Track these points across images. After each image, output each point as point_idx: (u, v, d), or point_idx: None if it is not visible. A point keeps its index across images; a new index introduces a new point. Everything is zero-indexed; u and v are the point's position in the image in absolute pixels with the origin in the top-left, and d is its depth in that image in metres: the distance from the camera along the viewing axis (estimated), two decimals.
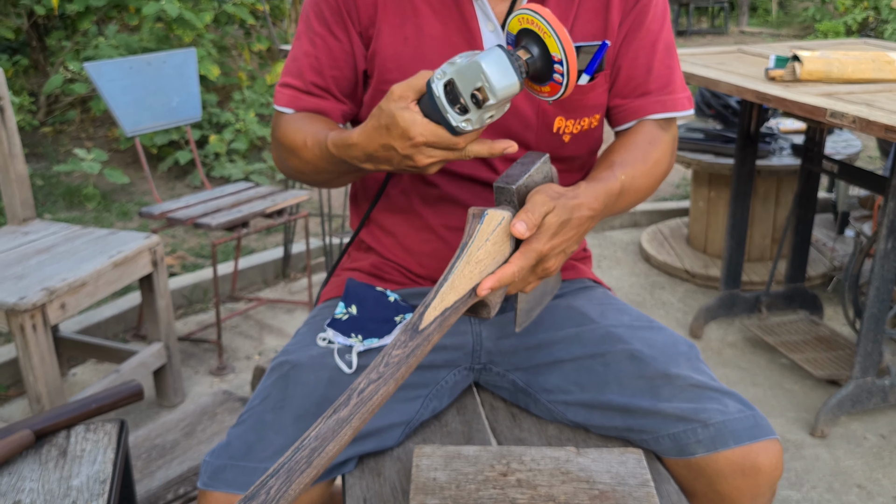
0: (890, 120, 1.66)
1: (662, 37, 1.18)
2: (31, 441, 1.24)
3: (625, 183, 1.07)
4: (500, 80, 0.87)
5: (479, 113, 0.90)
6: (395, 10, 1.12)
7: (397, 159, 0.95)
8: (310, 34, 1.16)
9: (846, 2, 8.26)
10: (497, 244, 0.93)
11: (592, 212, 0.99)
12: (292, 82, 1.18)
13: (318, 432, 0.82)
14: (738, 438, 1.07)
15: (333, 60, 1.15)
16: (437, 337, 0.89)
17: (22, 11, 4.65)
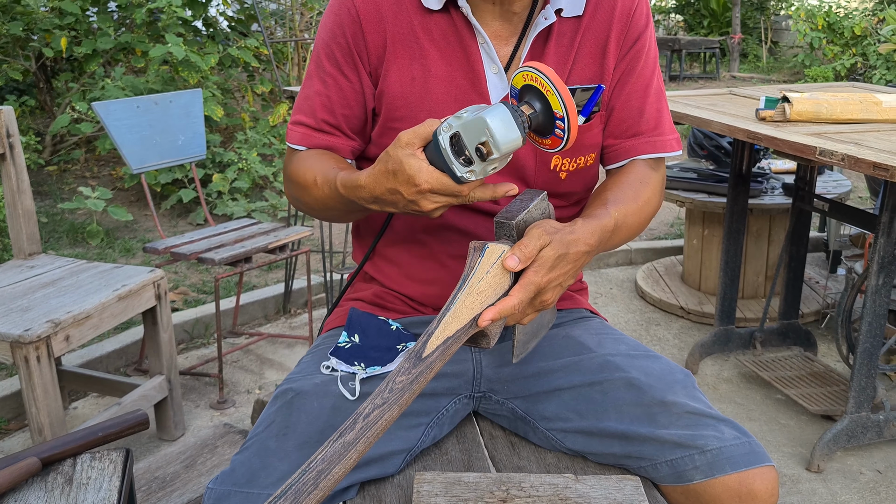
0: (878, 157, 1.71)
1: (653, 82, 1.24)
2: (37, 468, 1.26)
3: (618, 220, 1.12)
4: (504, 136, 0.93)
5: (482, 165, 0.95)
6: (404, 52, 1.17)
7: (402, 203, 1.00)
8: (321, 74, 1.21)
9: (834, 48, 8.44)
10: (497, 276, 0.97)
11: (588, 247, 1.03)
12: (304, 120, 1.22)
13: (324, 455, 0.85)
14: (734, 464, 1.10)
15: (344, 99, 1.20)
16: (440, 365, 0.93)
17: (30, 54, 4.75)
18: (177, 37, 4.18)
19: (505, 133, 0.93)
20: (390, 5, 1.16)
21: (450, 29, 1.16)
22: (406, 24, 1.16)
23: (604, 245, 1.11)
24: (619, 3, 1.19)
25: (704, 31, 11.15)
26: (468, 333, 0.95)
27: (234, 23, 5.29)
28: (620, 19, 1.19)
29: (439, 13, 1.16)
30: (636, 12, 1.20)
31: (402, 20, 1.16)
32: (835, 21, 8.65)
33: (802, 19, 8.97)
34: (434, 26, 1.16)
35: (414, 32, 1.16)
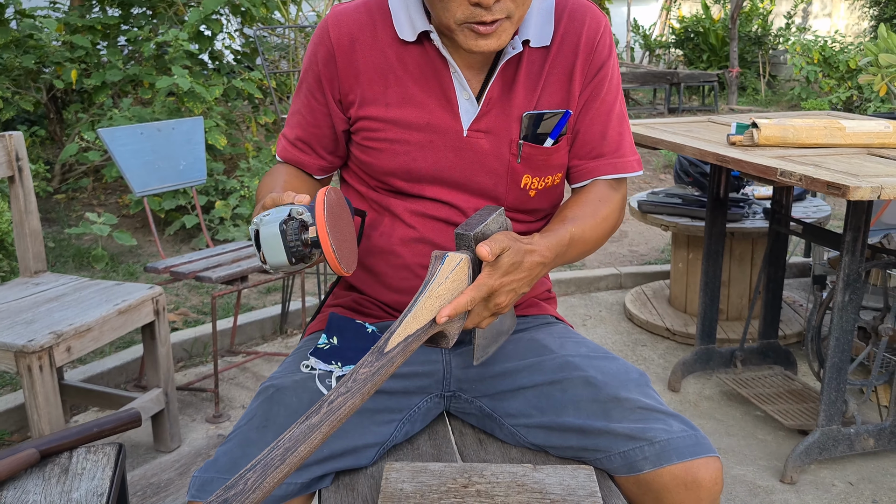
0: (833, 178, 1.81)
1: (616, 107, 1.34)
2: (36, 459, 1.36)
3: (574, 235, 1.23)
4: (273, 258, 1.04)
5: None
6: (380, 79, 1.27)
7: None
8: (300, 94, 1.34)
9: (830, 81, 8.58)
10: (455, 282, 1.08)
11: (543, 258, 1.14)
12: (287, 133, 1.37)
13: (291, 435, 0.95)
14: (680, 454, 1.18)
15: (315, 119, 1.33)
16: (401, 360, 1.03)
17: (41, 86, 4.92)
18: (183, 69, 4.34)
19: (273, 255, 1.04)
20: (366, 37, 1.27)
21: (423, 59, 1.26)
22: (381, 54, 1.27)
23: (561, 258, 1.22)
24: (584, 35, 1.29)
25: (704, 65, 11.34)
26: (428, 333, 1.05)
27: (240, 56, 5.46)
28: (585, 49, 1.29)
29: (413, 44, 1.26)
30: (600, 43, 1.31)
31: (378, 51, 1.27)
32: (830, 55, 8.81)
33: (799, 53, 9.14)
34: (408, 56, 1.27)
35: (389, 62, 1.27)
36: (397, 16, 1.26)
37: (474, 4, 1.12)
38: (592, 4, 1.34)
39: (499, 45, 1.17)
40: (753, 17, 11.10)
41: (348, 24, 1.28)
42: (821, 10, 11.76)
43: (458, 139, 1.28)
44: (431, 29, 1.24)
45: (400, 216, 1.33)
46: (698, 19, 11.52)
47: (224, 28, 5.05)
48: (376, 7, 1.29)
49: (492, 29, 1.15)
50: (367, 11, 1.28)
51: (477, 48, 1.17)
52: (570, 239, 1.22)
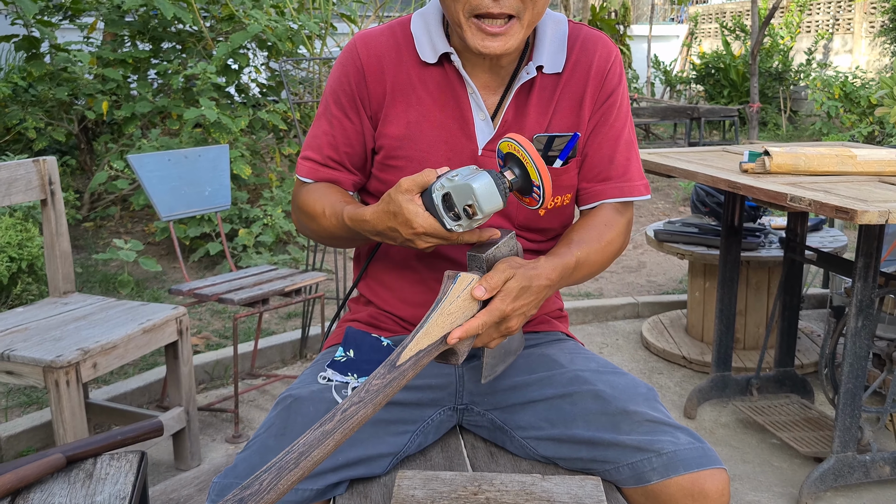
0: (841, 202, 1.84)
1: (624, 133, 1.39)
2: (62, 464, 1.41)
3: (580, 258, 1.27)
4: (487, 202, 1.12)
5: (469, 221, 1.13)
6: (402, 99, 1.34)
7: (400, 239, 1.18)
8: (328, 116, 1.39)
9: (852, 117, 8.59)
10: (466, 301, 1.13)
11: (549, 281, 1.19)
12: (312, 156, 1.39)
13: (306, 440, 1.00)
14: (687, 466, 1.21)
15: (347, 139, 1.37)
16: (412, 374, 1.08)
17: (73, 117, 5.07)
18: (210, 101, 4.46)
19: (488, 199, 1.11)
20: (391, 58, 1.34)
21: (443, 80, 1.33)
22: (405, 75, 1.33)
23: (566, 280, 1.26)
24: (595, 64, 1.35)
25: (725, 101, 11.38)
26: (439, 349, 1.11)
27: (266, 89, 5.60)
28: (596, 77, 1.35)
29: (434, 66, 1.33)
30: (610, 71, 1.36)
31: (402, 71, 1.33)
32: (851, 90, 8.82)
33: (819, 89, 9.16)
34: (429, 77, 1.33)
35: (412, 82, 1.33)
36: (419, 39, 1.33)
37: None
38: (604, 35, 1.40)
39: (505, 47, 1.22)
40: (774, 53, 11.15)
41: (376, 45, 1.34)
42: (842, 46, 11.80)
43: (473, 158, 1.33)
44: (452, 51, 1.30)
45: None
46: (719, 55, 11.59)
47: (250, 62, 5.19)
48: (400, 30, 1.35)
49: (500, 30, 1.21)
50: (391, 34, 1.35)
51: (484, 48, 1.22)
52: (576, 262, 1.26)
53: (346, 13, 5.61)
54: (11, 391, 2.89)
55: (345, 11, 5.65)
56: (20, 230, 3.53)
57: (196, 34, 5.09)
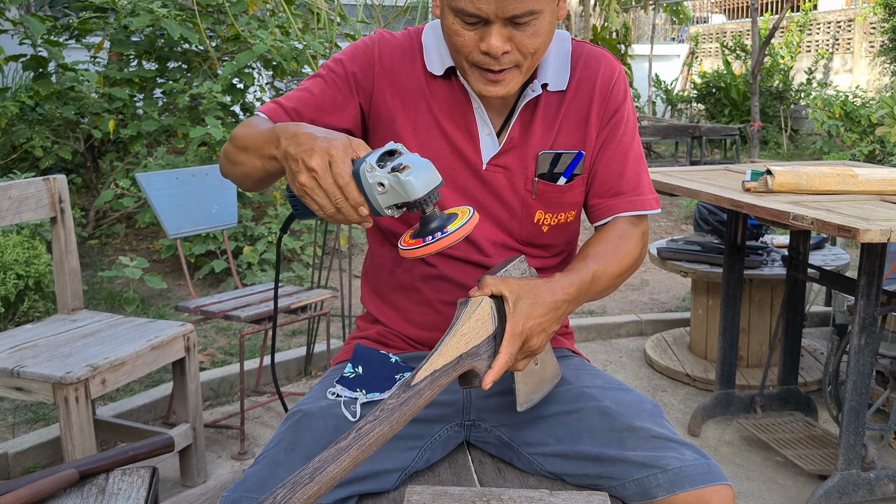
0: (843, 221, 1.87)
1: (633, 148, 1.41)
2: (75, 479, 1.43)
3: (596, 272, 1.28)
4: (417, 190, 1.04)
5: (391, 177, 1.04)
6: (411, 104, 1.35)
7: (298, 171, 1.05)
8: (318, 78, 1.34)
9: (852, 136, 8.64)
10: (478, 320, 1.15)
11: (566, 295, 1.20)
12: (283, 102, 1.33)
13: (321, 457, 1.02)
14: (693, 482, 1.22)
15: (324, 105, 1.32)
16: (429, 393, 1.10)
17: (79, 136, 5.11)
18: (216, 119, 4.50)
19: (419, 187, 1.04)
20: (405, 63, 1.36)
21: (450, 93, 1.35)
22: (415, 82, 1.35)
23: (585, 294, 1.27)
24: (599, 81, 1.37)
25: (726, 120, 11.44)
26: (456, 369, 1.12)
27: None
28: (600, 95, 1.37)
29: (441, 78, 1.35)
30: (614, 88, 1.38)
31: (412, 79, 1.35)
32: (852, 110, 8.88)
33: (820, 108, 9.22)
34: (437, 88, 1.35)
35: (421, 90, 1.35)
36: (428, 50, 1.35)
37: (483, 53, 1.20)
38: (607, 52, 1.42)
39: (507, 91, 1.25)
40: (774, 72, 11.22)
41: (391, 47, 1.36)
42: (842, 65, 11.88)
43: (477, 171, 1.35)
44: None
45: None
46: (720, 75, 11.66)
47: (256, 81, 5.24)
48: (415, 39, 1.38)
49: (500, 77, 1.23)
50: (409, 41, 1.37)
51: (486, 93, 1.25)
52: (593, 275, 1.27)
53: (350, 32, 5.67)
54: (18, 408, 2.90)
55: (349, 31, 5.71)
56: (27, 248, 3.56)
57: (202, 54, 5.14)
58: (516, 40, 1.19)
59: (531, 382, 1.26)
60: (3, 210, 2.31)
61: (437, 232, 1.09)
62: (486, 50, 1.19)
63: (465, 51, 1.22)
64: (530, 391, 1.26)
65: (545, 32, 1.22)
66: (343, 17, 5.80)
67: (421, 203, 1.06)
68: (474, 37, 1.20)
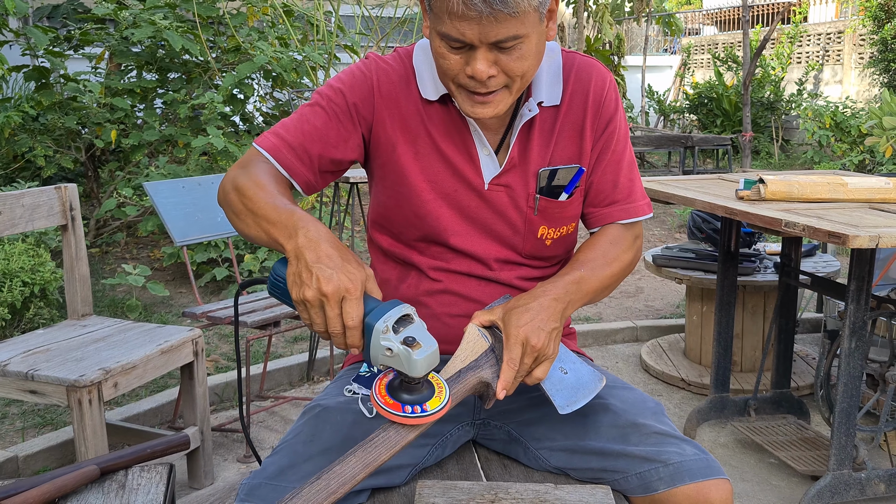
0: (834, 227, 1.94)
1: (625, 156, 1.47)
2: (96, 475, 1.48)
3: (584, 274, 1.34)
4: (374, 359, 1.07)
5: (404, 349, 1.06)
6: (409, 130, 1.38)
7: (299, 285, 1.06)
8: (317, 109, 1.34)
9: (843, 146, 8.75)
10: (469, 342, 1.24)
11: (552, 294, 1.26)
12: (283, 134, 1.32)
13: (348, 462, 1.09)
14: (692, 476, 1.28)
15: (328, 137, 1.33)
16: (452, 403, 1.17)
17: (80, 145, 5.16)
18: (217, 129, 4.57)
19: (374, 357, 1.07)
20: (401, 90, 1.38)
21: (447, 116, 1.38)
22: (413, 108, 1.38)
23: (575, 294, 1.32)
24: (591, 93, 1.41)
25: (718, 130, 11.57)
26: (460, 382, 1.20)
27: (269, 118, 5.71)
28: (593, 107, 1.41)
29: (438, 103, 1.37)
30: (606, 98, 1.42)
31: (409, 105, 1.38)
32: (842, 120, 9.00)
33: (811, 118, 9.34)
34: (434, 113, 1.38)
35: (419, 116, 1.38)
36: (421, 76, 1.37)
37: (469, 77, 1.22)
38: (597, 61, 1.46)
39: (495, 112, 1.27)
40: (766, 83, 11.36)
41: (387, 74, 1.38)
42: (832, 76, 12.02)
43: (479, 192, 1.39)
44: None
45: (424, 272, 1.44)
46: (711, 85, 11.80)
47: (255, 92, 5.31)
48: (408, 62, 1.40)
49: (488, 99, 1.25)
50: (402, 65, 1.39)
51: (473, 114, 1.28)
52: (581, 276, 1.33)
53: (348, 44, 5.75)
54: (25, 413, 2.95)
55: (347, 42, 5.79)
56: (32, 255, 3.61)
57: (202, 65, 5.20)
58: (502, 64, 1.20)
59: (565, 389, 1.30)
60: (16, 218, 2.37)
61: (418, 406, 1.11)
62: (471, 74, 1.21)
63: (451, 73, 1.24)
64: (568, 396, 1.30)
65: (532, 55, 1.23)
66: (341, 29, 5.88)
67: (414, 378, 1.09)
68: (460, 60, 1.21)
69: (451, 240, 1.41)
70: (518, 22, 1.16)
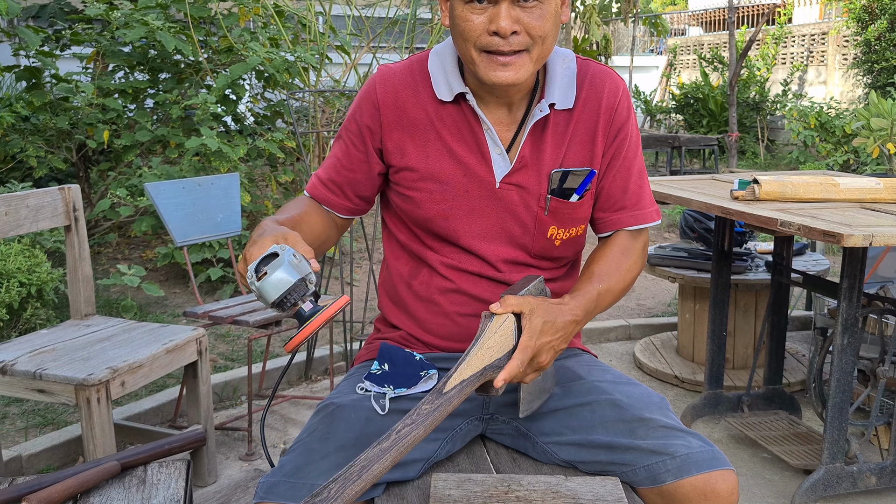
0: (828, 227, 1.99)
1: (636, 163, 1.51)
2: (117, 471, 1.51)
3: (601, 291, 1.40)
4: (270, 293, 1.16)
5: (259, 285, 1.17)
6: (420, 133, 1.43)
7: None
8: (341, 141, 1.50)
9: (827, 146, 8.87)
10: (503, 336, 1.26)
11: (575, 317, 1.32)
12: (321, 175, 1.51)
13: (366, 456, 1.13)
14: (699, 467, 1.33)
15: (351, 164, 1.47)
16: (458, 401, 1.22)
17: (71, 146, 5.15)
18: (210, 129, 4.58)
19: (271, 291, 1.16)
20: (409, 95, 1.43)
21: (460, 117, 1.43)
22: (423, 111, 1.43)
23: (591, 313, 1.39)
24: (605, 99, 1.45)
25: (704, 130, 11.68)
26: (480, 379, 1.24)
27: (261, 118, 5.73)
28: (606, 113, 1.45)
29: (451, 104, 1.43)
30: (619, 105, 1.47)
31: (419, 108, 1.43)
32: (827, 120, 9.11)
33: (796, 119, 9.45)
34: (446, 114, 1.43)
35: (429, 118, 1.43)
36: (436, 78, 1.43)
37: (492, 34, 1.28)
38: (612, 70, 1.51)
39: (517, 77, 1.31)
40: (751, 83, 11.48)
41: (393, 82, 1.44)
42: (816, 77, 12.17)
43: (490, 190, 1.43)
44: (467, 90, 1.40)
45: (436, 269, 1.48)
46: (697, 86, 11.90)
47: (248, 92, 5.32)
48: (418, 67, 1.45)
49: (510, 59, 1.30)
50: (410, 72, 1.45)
51: (496, 78, 1.31)
52: (598, 295, 1.39)
53: (340, 44, 5.77)
54: (26, 412, 2.96)
55: (338, 43, 5.81)
56: (28, 256, 3.61)
57: (193, 65, 5.21)
58: (524, 22, 1.27)
59: (532, 391, 1.38)
60: (21, 219, 2.38)
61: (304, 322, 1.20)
62: (494, 30, 1.27)
63: (473, 36, 1.29)
64: (531, 399, 1.38)
65: (551, 18, 1.30)
66: (333, 30, 5.90)
67: (282, 303, 1.17)
68: (483, 20, 1.28)
69: (462, 240, 1.46)
70: None
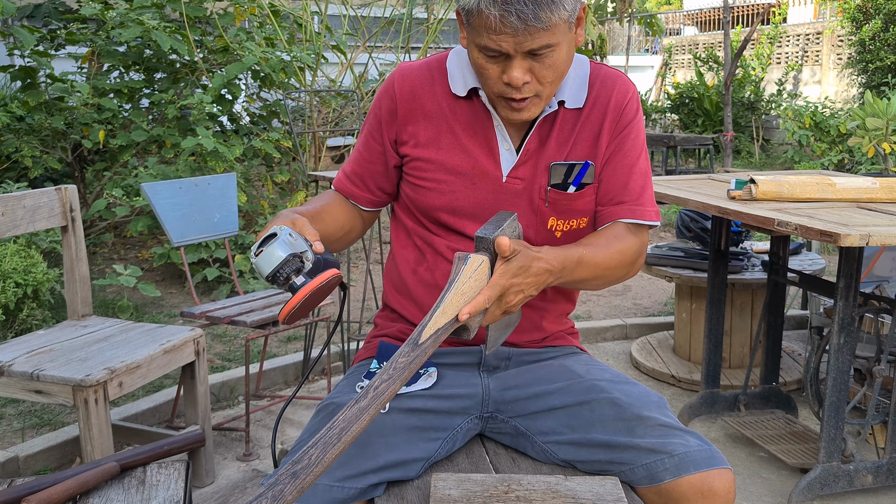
0: (825, 227, 2.00)
1: (639, 163, 1.51)
2: (116, 472, 1.51)
3: (584, 256, 1.37)
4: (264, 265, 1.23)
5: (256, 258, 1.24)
6: (434, 126, 1.47)
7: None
8: (362, 134, 1.56)
9: (822, 145, 8.89)
10: (477, 281, 1.23)
11: (550, 266, 1.28)
12: (346, 169, 1.57)
13: (344, 417, 1.11)
14: (697, 466, 1.34)
15: (371, 156, 1.54)
16: (432, 350, 1.20)
17: (67, 145, 5.14)
18: (206, 129, 4.57)
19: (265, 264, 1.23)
20: (425, 90, 1.48)
21: (472, 112, 1.46)
22: (437, 104, 1.47)
23: (569, 273, 1.34)
24: (614, 100, 1.47)
25: (699, 129, 11.69)
26: (454, 326, 1.21)
27: (257, 118, 5.72)
28: (613, 112, 1.47)
29: (464, 99, 1.47)
30: (627, 106, 1.48)
31: (434, 101, 1.47)
32: (821, 120, 9.13)
33: (791, 118, 9.47)
34: (459, 109, 1.47)
35: (443, 112, 1.47)
36: (452, 74, 1.47)
37: (506, 84, 1.33)
38: (623, 74, 1.53)
39: (530, 116, 1.39)
40: (746, 83, 11.50)
41: (411, 78, 1.49)
42: (810, 77, 12.20)
43: (497, 183, 1.46)
44: (480, 86, 1.43)
45: (442, 253, 1.50)
46: (692, 86, 11.92)
47: (244, 92, 5.31)
48: (436, 66, 1.50)
49: (523, 105, 1.36)
50: (427, 70, 1.50)
51: (511, 118, 1.40)
52: (580, 258, 1.36)
53: (336, 44, 5.77)
54: (22, 413, 2.95)
55: (334, 43, 5.81)
56: (24, 256, 3.60)
57: (188, 65, 5.20)
58: (535, 71, 1.31)
59: (499, 328, 1.36)
60: (17, 219, 2.38)
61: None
62: (507, 81, 1.32)
63: (490, 83, 1.36)
64: (497, 336, 1.36)
65: (563, 62, 1.34)
66: (329, 30, 5.90)
67: (276, 277, 1.23)
68: (497, 69, 1.32)
69: (469, 231, 1.48)
70: (549, 33, 1.27)
